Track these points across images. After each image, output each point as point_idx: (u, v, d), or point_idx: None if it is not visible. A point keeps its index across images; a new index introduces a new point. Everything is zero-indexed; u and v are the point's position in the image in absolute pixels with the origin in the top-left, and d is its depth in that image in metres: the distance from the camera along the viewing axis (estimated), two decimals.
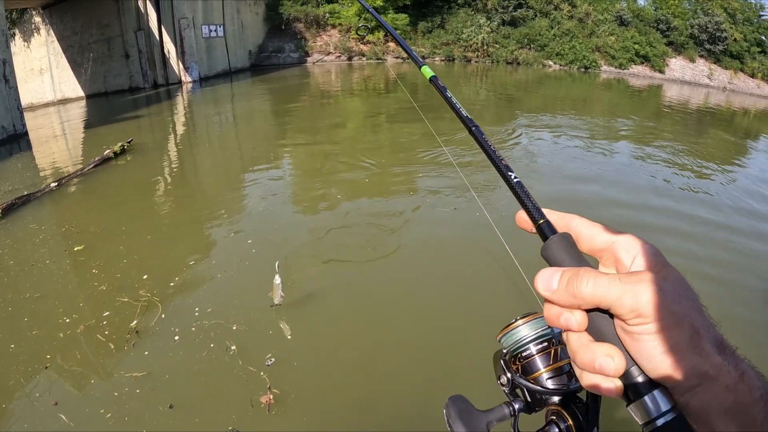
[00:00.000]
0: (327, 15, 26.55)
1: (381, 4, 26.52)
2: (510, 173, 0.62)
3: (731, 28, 45.59)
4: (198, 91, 16.77)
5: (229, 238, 6.08)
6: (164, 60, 17.36)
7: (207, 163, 9.76)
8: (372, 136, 12.52)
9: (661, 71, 40.86)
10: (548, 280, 0.51)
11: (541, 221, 0.57)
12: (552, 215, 0.59)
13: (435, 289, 5.29)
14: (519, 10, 32.92)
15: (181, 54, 17.77)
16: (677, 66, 42.86)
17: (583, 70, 35.01)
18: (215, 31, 19.84)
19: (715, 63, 45.95)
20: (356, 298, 4.97)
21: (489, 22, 30.55)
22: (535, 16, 34.08)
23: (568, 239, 0.55)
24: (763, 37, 49.63)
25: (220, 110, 14.24)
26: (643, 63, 39.82)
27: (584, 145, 12.86)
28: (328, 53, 24.52)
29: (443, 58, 28.57)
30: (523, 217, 0.59)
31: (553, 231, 0.56)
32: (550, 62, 33.42)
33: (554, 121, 15.63)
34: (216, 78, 19.04)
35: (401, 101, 16.68)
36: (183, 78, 17.64)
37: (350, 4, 26.85)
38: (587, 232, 0.56)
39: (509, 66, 31.30)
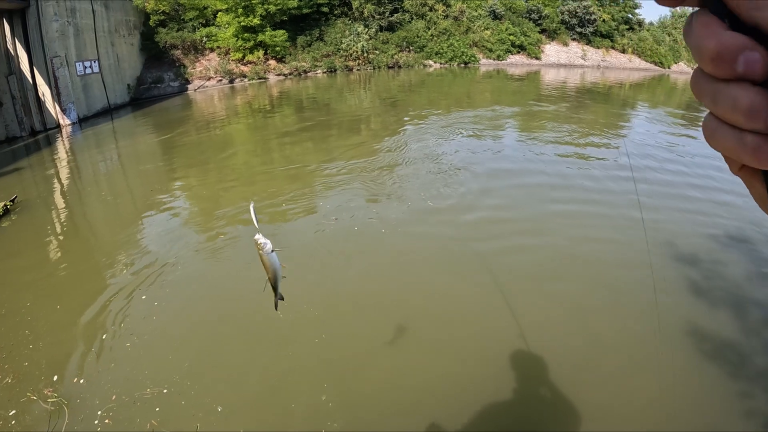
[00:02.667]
0: (204, 39, 27.94)
1: (258, 22, 28.06)
2: None
3: (599, 10, 51.06)
4: (78, 133, 17.16)
5: (134, 297, 6.05)
6: (39, 104, 17.93)
7: (99, 213, 9.47)
8: (264, 161, 13.10)
9: (537, 58, 45.23)
10: None
11: None
12: None
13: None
14: (395, 15, 35.88)
15: (57, 96, 18.31)
16: (552, 51, 47.49)
17: (463, 65, 38.45)
18: (90, 67, 20.30)
19: (587, 44, 51.21)
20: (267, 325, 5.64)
21: (367, 29, 33.36)
22: (412, 18, 37.13)
23: None
24: (630, 15, 55.52)
25: (105, 153, 14.61)
26: (519, 52, 43.97)
27: (476, 136, 15.27)
28: (209, 78, 25.71)
29: (325, 71, 30.89)
30: None
31: None
32: (431, 62, 36.53)
33: (443, 120, 17.93)
34: (96, 117, 19.49)
35: (287, 120, 18.50)
36: (61, 121, 18.23)
37: (227, 26, 28.05)
38: None
39: (391, 70, 34.31)
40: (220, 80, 26.13)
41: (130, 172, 12.54)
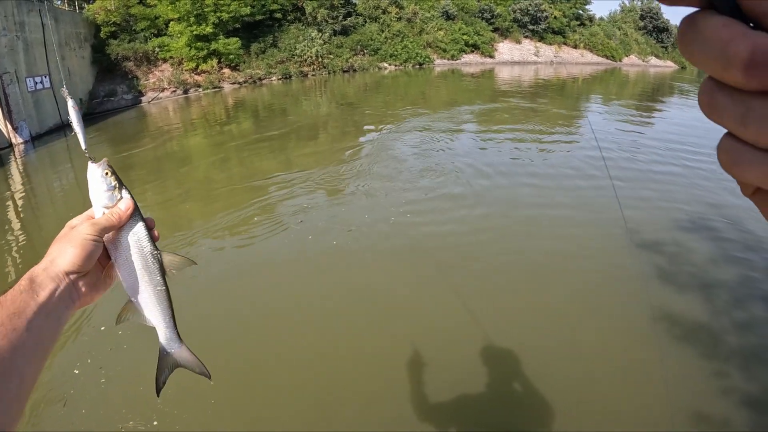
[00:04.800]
0: (156, 49, 28.20)
1: (211, 30, 28.49)
2: None
3: (550, 7, 52.99)
4: (32, 152, 16.97)
5: (93, 326, 5.82)
6: None
7: (55, 235, 9.70)
8: (222, 173, 13.07)
9: (491, 56, 46.76)
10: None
11: None
12: None
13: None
14: (348, 19, 36.86)
15: (8, 113, 18.28)
16: (505, 49, 49.12)
17: (418, 66, 39.58)
18: (41, 82, 20.25)
19: (539, 41, 53.11)
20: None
21: (320, 34, 34.21)
22: (365, 22, 38.12)
23: None
24: (580, 11, 57.55)
25: (61, 172, 14.49)
26: (473, 51, 45.38)
27: (431, 135, 15.87)
28: (163, 89, 26.01)
29: (280, 77, 31.52)
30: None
31: None
32: (386, 64, 37.56)
33: (401, 121, 18.44)
34: (49, 134, 19.34)
35: (245, 130, 18.86)
36: (13, 140, 18.22)
37: (179, 36, 28.34)
38: None
39: (346, 74, 35.24)
40: (174, 91, 26.41)
41: (87, 191, 12.71)
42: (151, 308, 1.11)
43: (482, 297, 6.39)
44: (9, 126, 18.29)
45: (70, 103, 1.37)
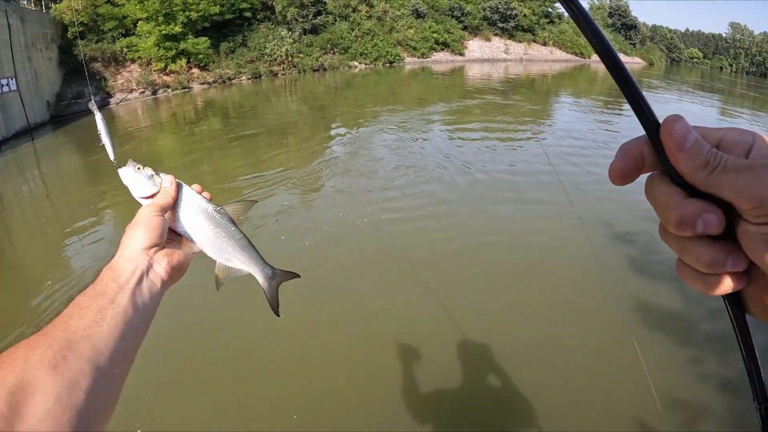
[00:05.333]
0: (124, 50, 28.14)
1: (180, 30, 28.59)
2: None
3: (520, 5, 53.47)
4: None
5: None
6: None
7: (25, 242, 9.44)
8: (194, 176, 12.67)
9: (461, 54, 47.54)
10: (686, 131, 0.46)
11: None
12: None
13: None
14: (319, 17, 37.21)
15: None
16: (475, 47, 49.94)
17: (388, 65, 40.06)
18: (7, 85, 19.94)
19: (509, 39, 54.09)
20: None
21: (290, 33, 34.50)
22: (335, 20, 38.55)
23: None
24: (550, 9, 58.64)
25: (29, 178, 14.20)
26: (443, 49, 46.12)
27: (404, 133, 16.31)
28: (131, 90, 26.07)
29: (250, 77, 31.73)
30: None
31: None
32: (356, 63, 38.12)
33: (372, 120, 18.93)
34: (15, 139, 18.96)
35: (215, 131, 19.01)
36: None
37: (147, 35, 28.36)
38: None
39: (316, 73, 35.61)
40: (143, 92, 26.45)
41: (56, 198, 12.64)
42: (240, 257, 1.16)
43: (459, 294, 6.57)
44: None
45: (98, 116, 1.34)
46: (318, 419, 4.61)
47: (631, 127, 17.24)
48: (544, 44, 58.23)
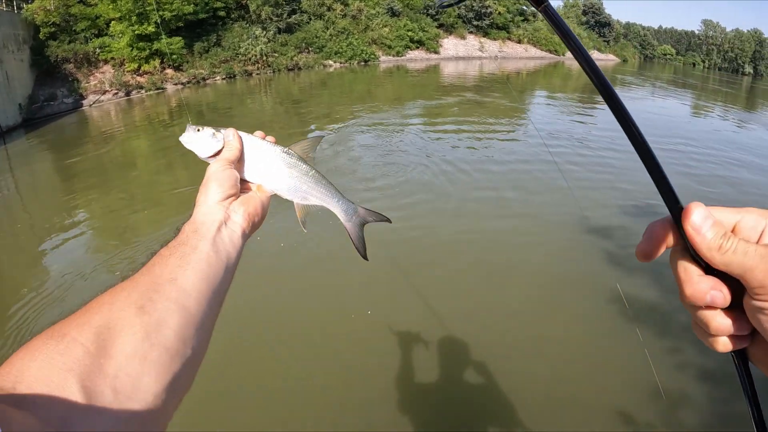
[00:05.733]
0: (97, 50, 28.04)
1: (153, 30, 28.57)
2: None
3: (495, 3, 53.89)
4: None
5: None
6: None
7: None
8: (168, 177, 13.22)
9: (436, 52, 48.08)
10: (704, 218, 0.55)
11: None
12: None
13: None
14: (293, 16, 37.46)
15: None
16: (450, 45, 50.49)
17: (363, 63, 40.36)
18: None
19: (484, 36, 54.70)
20: None
21: (265, 32, 34.69)
22: (310, 19, 38.86)
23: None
24: (524, 7, 59.48)
25: (0, 182, 14.01)
26: (418, 47, 46.58)
27: (380, 132, 16.71)
28: (105, 92, 26.03)
29: (224, 77, 31.87)
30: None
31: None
32: (331, 62, 38.48)
33: (351, 120, 19.18)
34: None
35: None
36: None
37: (120, 36, 28.30)
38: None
39: (291, 72, 35.87)
40: (116, 93, 26.40)
41: (29, 202, 12.65)
42: (316, 194, 1.15)
43: (443, 292, 6.73)
44: None
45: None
46: (297, 416, 4.72)
47: (605, 120, 18.00)
48: (519, 42, 59.06)
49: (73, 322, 0.67)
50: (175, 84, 29.41)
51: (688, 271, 0.56)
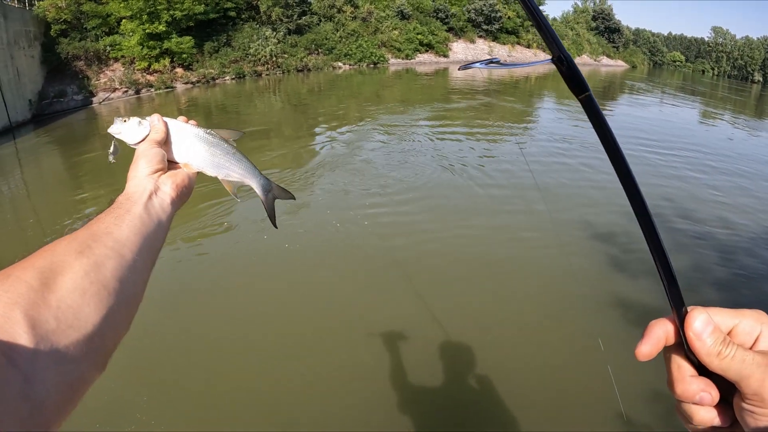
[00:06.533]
0: (108, 48, 28.12)
1: (164, 29, 28.70)
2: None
3: (504, 8, 53.75)
4: None
5: None
6: None
7: (4, 245, 9.07)
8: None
9: (445, 55, 47.95)
10: (705, 325, 0.58)
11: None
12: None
13: None
14: (303, 18, 37.41)
15: None
16: (459, 48, 50.37)
17: (372, 66, 40.36)
18: None
19: (493, 41, 54.62)
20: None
21: (275, 33, 34.65)
22: (320, 21, 38.82)
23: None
24: None
25: (8, 176, 14.17)
26: (427, 51, 46.50)
27: (388, 136, 16.46)
28: (114, 90, 26.09)
29: (234, 77, 31.84)
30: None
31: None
32: (340, 63, 38.43)
33: (356, 122, 19.03)
34: None
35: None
36: None
37: (131, 34, 28.36)
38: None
39: (300, 73, 35.82)
40: (126, 91, 26.44)
41: (36, 198, 12.59)
42: (238, 170, 1.26)
43: (441, 294, 6.72)
44: None
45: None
46: (302, 417, 4.73)
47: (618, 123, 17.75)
48: (528, 46, 58.89)
49: (17, 265, 0.71)
50: (185, 83, 29.38)
51: (682, 369, 0.61)
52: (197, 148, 1.21)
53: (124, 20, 28.91)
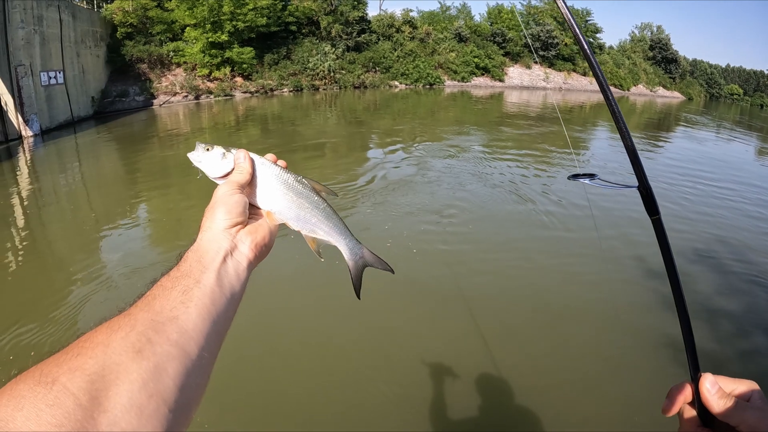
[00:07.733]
0: (171, 54, 28.32)
1: (226, 38, 28.74)
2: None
3: (561, 34, 52.81)
4: (40, 146, 16.82)
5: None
6: (2, 114, 17.76)
7: (58, 233, 9.30)
8: None
9: (501, 80, 47.00)
10: (713, 384, 0.80)
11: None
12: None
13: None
14: (362, 35, 37.06)
15: (20, 106, 18.19)
16: (515, 73, 49.35)
17: (428, 86, 39.66)
18: (55, 78, 20.24)
19: (549, 67, 53.39)
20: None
21: (334, 49, 34.38)
22: (378, 39, 38.38)
23: None
24: (591, 39, 57.77)
25: (67, 169, 14.43)
26: (483, 74, 45.61)
27: (444, 156, 15.68)
28: (175, 94, 26.09)
29: (291, 89, 31.67)
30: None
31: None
32: (396, 83, 37.79)
33: (410, 141, 18.16)
34: (59, 130, 19.35)
35: (252, 137, 18.96)
36: (23, 132, 18.16)
37: (194, 42, 28.44)
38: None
39: (357, 90, 35.38)
40: (186, 96, 26.47)
41: (92, 191, 12.56)
42: (325, 228, 1.10)
43: (488, 317, 6.22)
44: (20, 118, 18.26)
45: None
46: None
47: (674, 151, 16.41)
48: (584, 74, 57.31)
49: (64, 365, 0.59)
50: (243, 92, 29.31)
51: (692, 422, 0.84)
52: (284, 197, 1.07)
53: (188, 28, 29.16)
